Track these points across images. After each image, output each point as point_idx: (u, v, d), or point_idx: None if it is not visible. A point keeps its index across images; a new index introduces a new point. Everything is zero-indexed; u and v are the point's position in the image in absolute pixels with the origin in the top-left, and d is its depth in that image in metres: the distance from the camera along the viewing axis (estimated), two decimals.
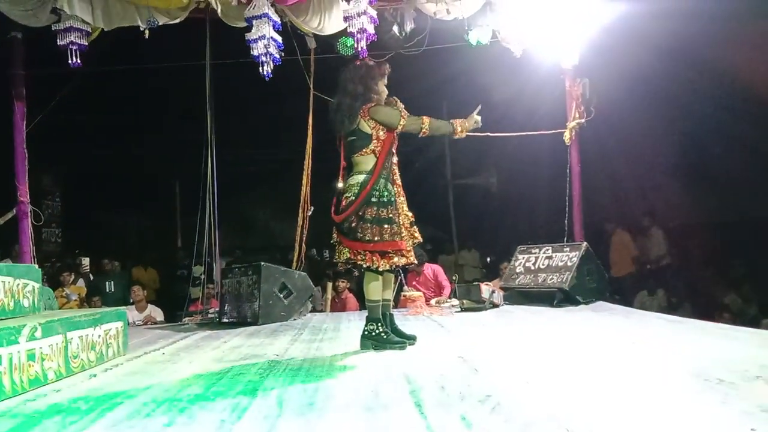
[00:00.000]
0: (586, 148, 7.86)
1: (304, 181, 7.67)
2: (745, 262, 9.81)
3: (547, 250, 7.02)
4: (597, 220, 9.46)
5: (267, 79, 6.41)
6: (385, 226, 4.02)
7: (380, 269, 4.07)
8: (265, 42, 6.26)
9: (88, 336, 4.04)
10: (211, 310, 7.52)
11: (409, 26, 7.16)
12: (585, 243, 6.88)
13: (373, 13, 6.29)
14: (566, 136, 7.64)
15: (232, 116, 9.49)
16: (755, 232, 9.79)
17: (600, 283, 6.76)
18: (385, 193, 4.08)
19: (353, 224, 4.03)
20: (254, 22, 6.30)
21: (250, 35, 6.31)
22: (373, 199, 4.04)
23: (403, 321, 6.01)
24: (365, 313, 4.28)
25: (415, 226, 4.24)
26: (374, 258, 4.04)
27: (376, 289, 4.16)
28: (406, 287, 7.64)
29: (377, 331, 4.14)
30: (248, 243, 13.98)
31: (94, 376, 3.79)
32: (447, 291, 7.80)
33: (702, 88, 9.03)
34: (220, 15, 6.55)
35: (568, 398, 2.59)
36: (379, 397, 2.81)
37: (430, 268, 8.10)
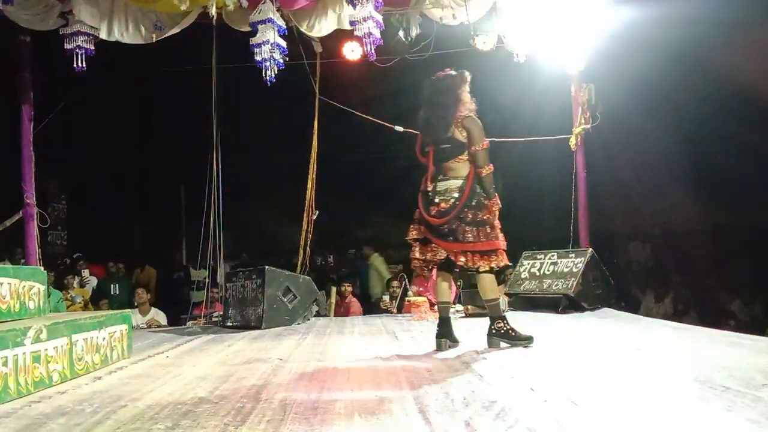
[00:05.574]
0: (591, 154, 7.85)
1: (309, 186, 7.68)
2: (751, 268, 9.77)
3: (553, 256, 7.00)
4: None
5: (269, 84, 6.44)
6: (482, 227, 4.13)
7: (480, 269, 4.17)
8: (269, 47, 6.28)
9: (92, 338, 4.05)
10: (215, 314, 7.53)
11: (414, 31, 7.17)
12: (590, 249, 6.86)
13: (379, 17, 6.30)
14: (572, 141, 7.63)
15: (238, 120, 9.50)
16: (762, 239, 9.74)
17: (605, 289, 6.74)
18: (481, 198, 4.18)
19: (453, 226, 4.14)
20: (259, 26, 6.32)
21: (255, 40, 6.33)
22: (473, 203, 4.15)
23: (408, 326, 6.02)
24: (369, 318, 4.30)
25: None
26: (475, 258, 4.14)
27: (493, 287, 4.27)
28: (410, 293, 7.62)
29: (506, 328, 4.22)
30: (253, 247, 13.98)
31: (99, 378, 3.80)
32: (452, 296, 7.77)
33: (708, 93, 9.00)
34: (225, 19, 6.58)
35: (573, 405, 2.58)
36: (383, 402, 2.80)
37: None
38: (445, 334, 4.32)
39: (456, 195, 4.17)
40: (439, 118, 4.24)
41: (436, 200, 4.22)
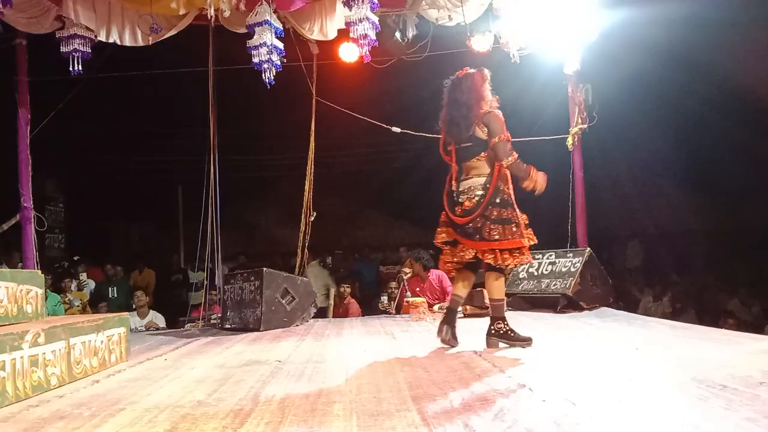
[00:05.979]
0: (589, 154, 7.86)
1: (306, 187, 7.68)
2: (749, 267, 9.79)
3: (551, 255, 7.00)
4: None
5: (269, 86, 6.44)
6: (507, 225, 4.13)
7: (507, 266, 4.19)
8: (266, 49, 6.28)
9: (90, 342, 4.05)
10: (213, 316, 7.52)
11: (411, 32, 7.18)
12: (588, 248, 6.87)
13: (375, 19, 6.30)
14: (569, 141, 7.64)
15: (235, 122, 9.51)
16: (758, 239, 9.77)
17: (604, 288, 6.74)
18: (505, 195, 4.19)
19: (479, 225, 4.14)
20: (256, 29, 6.32)
21: (252, 42, 6.32)
22: (497, 200, 4.15)
23: (406, 327, 6.02)
24: (367, 319, 4.30)
25: (530, 228, 4.27)
26: (503, 256, 4.14)
27: (501, 288, 4.29)
28: (408, 293, 7.62)
29: (505, 329, 4.24)
30: (251, 249, 13.98)
31: (97, 382, 3.79)
32: (450, 297, 7.77)
33: (704, 94, 9.03)
34: (221, 21, 6.58)
35: (571, 405, 2.58)
36: (382, 403, 2.80)
37: (435, 274, 8.05)
38: (449, 322, 4.36)
39: (480, 193, 4.17)
40: (461, 117, 4.25)
41: (460, 199, 4.24)
